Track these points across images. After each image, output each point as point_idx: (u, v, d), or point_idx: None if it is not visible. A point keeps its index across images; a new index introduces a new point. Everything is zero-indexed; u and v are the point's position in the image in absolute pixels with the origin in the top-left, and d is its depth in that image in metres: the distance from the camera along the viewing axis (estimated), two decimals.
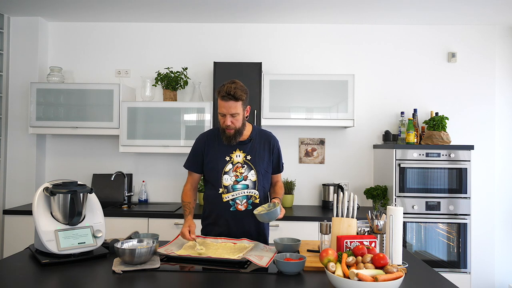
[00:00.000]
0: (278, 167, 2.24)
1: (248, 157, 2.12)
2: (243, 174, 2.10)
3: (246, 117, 2.13)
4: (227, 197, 2.10)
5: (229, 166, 2.11)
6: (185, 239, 1.99)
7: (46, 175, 3.78)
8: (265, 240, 2.21)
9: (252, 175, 2.11)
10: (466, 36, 3.71)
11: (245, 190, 2.10)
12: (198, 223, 2.17)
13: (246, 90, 2.06)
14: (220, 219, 2.13)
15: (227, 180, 2.10)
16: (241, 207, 2.10)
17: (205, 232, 2.21)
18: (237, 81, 2.07)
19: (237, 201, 2.09)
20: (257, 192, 2.12)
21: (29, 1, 3.30)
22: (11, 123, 3.65)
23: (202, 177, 2.28)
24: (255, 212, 1.98)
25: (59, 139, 3.80)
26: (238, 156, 2.12)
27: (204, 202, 2.26)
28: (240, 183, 2.10)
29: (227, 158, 2.12)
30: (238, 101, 2.01)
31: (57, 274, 1.62)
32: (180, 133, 3.40)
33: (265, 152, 2.17)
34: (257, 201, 2.12)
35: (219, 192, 2.11)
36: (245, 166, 2.11)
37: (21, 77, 3.63)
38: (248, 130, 2.17)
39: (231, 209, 2.10)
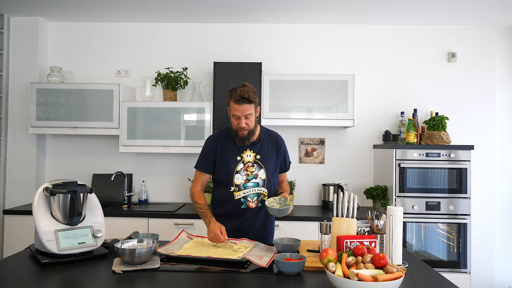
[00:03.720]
0: (285, 165, 2.35)
1: (258, 157, 2.21)
2: (254, 173, 2.19)
3: (257, 117, 2.21)
4: (238, 195, 2.18)
5: (241, 166, 2.19)
6: (217, 242, 1.99)
7: (46, 175, 3.78)
8: (269, 236, 2.28)
9: (262, 174, 2.20)
10: (466, 36, 3.71)
11: (256, 188, 2.19)
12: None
13: (257, 92, 2.15)
14: (232, 216, 2.20)
15: (239, 179, 2.18)
16: (252, 205, 2.19)
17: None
18: (247, 83, 2.15)
19: (248, 198, 2.18)
20: (266, 190, 2.21)
21: (29, 1, 3.30)
22: (11, 123, 3.65)
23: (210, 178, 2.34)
24: (266, 203, 2.04)
25: (59, 139, 3.80)
26: (248, 156, 2.21)
27: (213, 201, 2.31)
28: (251, 181, 2.19)
29: (238, 158, 2.20)
30: (251, 104, 2.10)
31: (57, 274, 1.62)
32: (180, 133, 3.40)
33: (273, 152, 2.26)
34: (266, 198, 2.20)
35: (231, 190, 2.18)
36: (255, 165, 2.20)
37: (21, 77, 3.63)
38: (257, 130, 2.25)
39: (242, 207, 2.19)
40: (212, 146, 2.24)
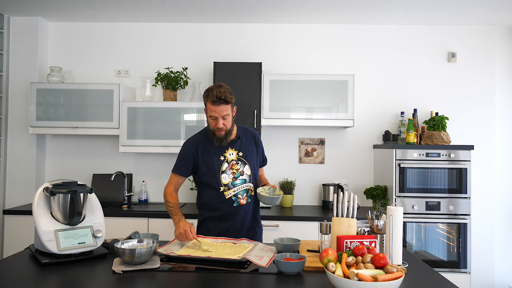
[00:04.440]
0: (263, 160, 2.41)
1: (241, 154, 2.24)
2: (240, 170, 2.22)
3: (233, 117, 2.22)
4: (229, 193, 2.19)
5: (225, 165, 2.20)
6: (184, 240, 2.01)
7: (46, 175, 3.78)
8: (258, 226, 2.33)
9: (247, 170, 2.23)
10: (466, 36, 3.71)
11: (244, 185, 2.22)
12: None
13: (233, 92, 2.16)
14: (225, 216, 2.21)
15: (226, 178, 2.20)
16: (243, 201, 2.21)
17: (208, 227, 2.25)
18: (223, 84, 2.15)
19: (238, 196, 2.20)
20: (252, 185, 2.25)
21: (29, 1, 3.30)
22: (11, 123, 3.65)
23: (194, 181, 2.37)
24: (258, 191, 2.11)
25: (59, 139, 3.80)
26: (231, 154, 2.23)
27: (203, 205, 2.29)
28: (238, 178, 2.21)
29: (222, 158, 2.21)
30: (228, 104, 2.11)
31: (57, 274, 1.62)
32: (180, 133, 3.40)
33: (253, 147, 2.30)
34: (253, 193, 2.26)
35: (221, 190, 2.19)
36: (239, 162, 2.23)
37: (21, 77, 3.63)
38: (234, 130, 2.27)
39: (234, 205, 2.20)
40: (190, 150, 2.24)
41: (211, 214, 2.24)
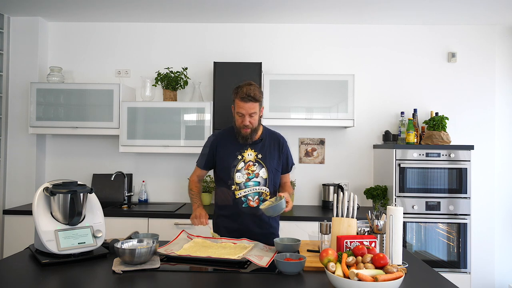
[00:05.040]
0: (287, 167, 2.34)
1: (259, 156, 2.22)
2: (255, 172, 2.20)
3: (260, 117, 2.23)
4: (239, 193, 2.19)
5: (241, 164, 2.20)
6: (197, 224, 2.13)
7: (46, 175, 3.78)
8: (273, 235, 2.27)
9: (263, 173, 2.20)
10: (466, 36, 3.71)
11: (257, 187, 2.19)
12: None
13: (262, 91, 2.19)
14: (233, 214, 2.22)
15: (239, 177, 2.19)
16: (253, 203, 2.19)
17: (218, 226, 2.28)
18: (253, 82, 2.17)
19: (249, 197, 2.19)
20: (267, 189, 2.21)
21: (29, 1, 3.30)
22: (11, 123, 3.65)
23: (214, 175, 2.38)
24: (261, 207, 2.04)
25: (59, 139, 3.80)
26: (249, 155, 2.22)
27: (216, 202, 2.34)
28: (252, 180, 2.20)
29: (239, 157, 2.21)
30: (257, 102, 2.13)
31: (57, 274, 1.62)
32: (180, 133, 3.40)
33: (275, 151, 2.27)
34: (268, 197, 2.21)
35: (232, 189, 2.20)
36: (256, 164, 2.21)
37: (21, 77, 3.63)
38: (259, 129, 2.26)
39: (243, 205, 2.20)
40: (211, 145, 2.29)
41: (221, 212, 2.28)
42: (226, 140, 2.26)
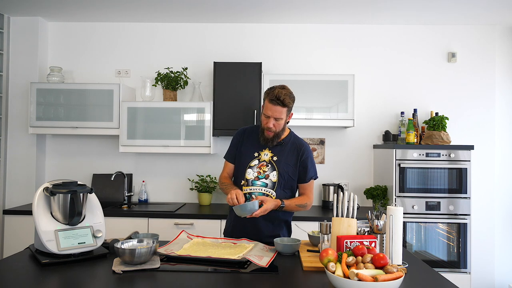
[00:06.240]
0: (304, 176, 2.22)
1: (275, 158, 2.19)
2: (266, 173, 2.17)
3: (287, 122, 2.20)
4: (246, 189, 2.17)
5: (255, 162, 2.19)
6: (231, 204, 2.03)
7: (46, 175, 3.78)
8: (277, 235, 2.21)
9: (273, 176, 2.16)
10: (466, 36, 3.71)
11: (263, 188, 2.16)
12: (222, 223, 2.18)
13: (294, 98, 2.14)
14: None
15: (250, 174, 2.18)
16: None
17: (232, 229, 2.26)
18: (287, 87, 2.13)
19: (253, 195, 2.15)
20: (274, 193, 2.15)
21: (29, 1, 3.30)
22: (11, 123, 3.65)
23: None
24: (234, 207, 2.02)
25: (59, 139, 3.80)
26: (265, 155, 2.20)
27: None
28: (261, 180, 2.17)
29: (256, 154, 2.20)
30: (284, 107, 2.09)
31: (57, 274, 1.62)
32: (180, 133, 3.40)
33: (293, 158, 2.20)
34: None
35: (241, 184, 2.19)
36: (269, 165, 2.18)
37: (21, 77, 3.63)
38: (284, 134, 2.23)
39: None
40: (238, 136, 2.29)
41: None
42: (250, 135, 2.26)
